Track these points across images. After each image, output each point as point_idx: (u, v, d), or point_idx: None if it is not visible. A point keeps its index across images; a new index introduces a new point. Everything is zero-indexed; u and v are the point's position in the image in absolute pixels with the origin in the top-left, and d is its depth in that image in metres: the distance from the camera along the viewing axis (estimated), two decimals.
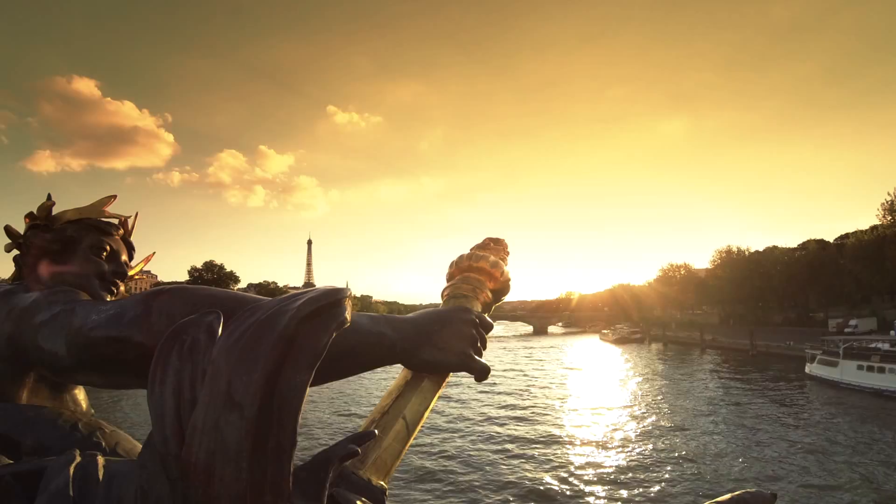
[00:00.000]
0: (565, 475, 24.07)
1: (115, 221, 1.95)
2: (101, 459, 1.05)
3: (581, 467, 25.20)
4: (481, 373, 1.66)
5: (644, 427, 33.64)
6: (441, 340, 1.59)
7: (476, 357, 1.65)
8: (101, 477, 1.00)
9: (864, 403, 40.07)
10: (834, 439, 29.52)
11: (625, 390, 49.09)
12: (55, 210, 1.84)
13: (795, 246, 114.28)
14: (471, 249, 2.03)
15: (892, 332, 60.22)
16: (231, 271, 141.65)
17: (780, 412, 37.48)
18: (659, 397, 44.66)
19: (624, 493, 21.70)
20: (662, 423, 34.51)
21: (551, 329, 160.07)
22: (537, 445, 29.63)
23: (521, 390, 49.26)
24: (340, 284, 1.04)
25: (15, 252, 1.80)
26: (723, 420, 35.16)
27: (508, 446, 29.57)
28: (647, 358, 79.19)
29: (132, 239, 2.01)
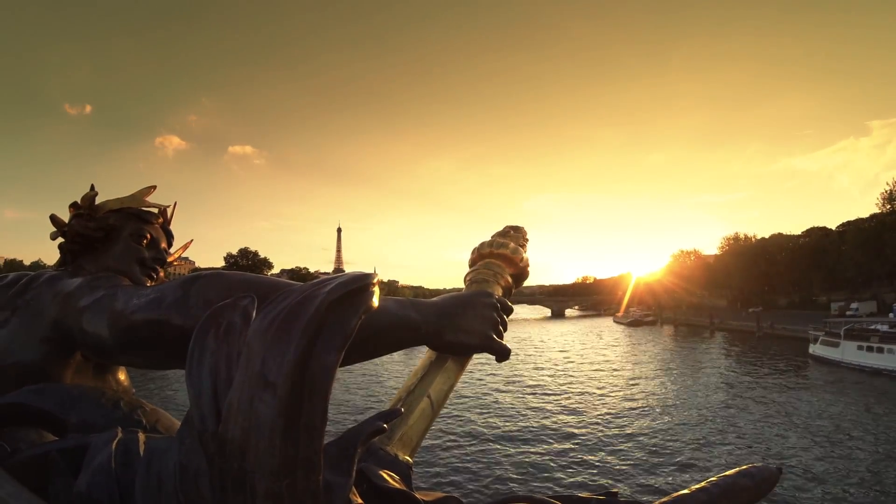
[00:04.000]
0: (575, 447, 24.13)
1: (155, 210, 1.96)
2: (141, 436, 1.06)
3: (591, 441, 25.21)
4: (502, 354, 1.68)
5: (654, 403, 33.62)
6: (464, 323, 1.60)
7: (497, 339, 1.66)
8: (141, 452, 1.01)
9: (864, 381, 39.80)
10: (836, 416, 29.31)
11: (638, 368, 49.07)
12: (98, 200, 1.85)
13: (799, 233, 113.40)
14: (492, 237, 2.04)
15: (890, 315, 59.71)
16: (265, 257, 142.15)
17: (784, 390, 37.27)
18: (669, 376, 44.58)
19: (631, 466, 21.70)
20: (672, 400, 34.47)
21: (568, 312, 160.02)
22: (550, 417, 29.84)
23: (541, 366, 49.54)
24: (368, 270, 1.04)
25: (60, 240, 1.81)
26: (730, 397, 35.02)
27: (526, 418, 29.72)
28: (659, 339, 79.00)
29: (171, 227, 2.03)
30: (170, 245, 2.01)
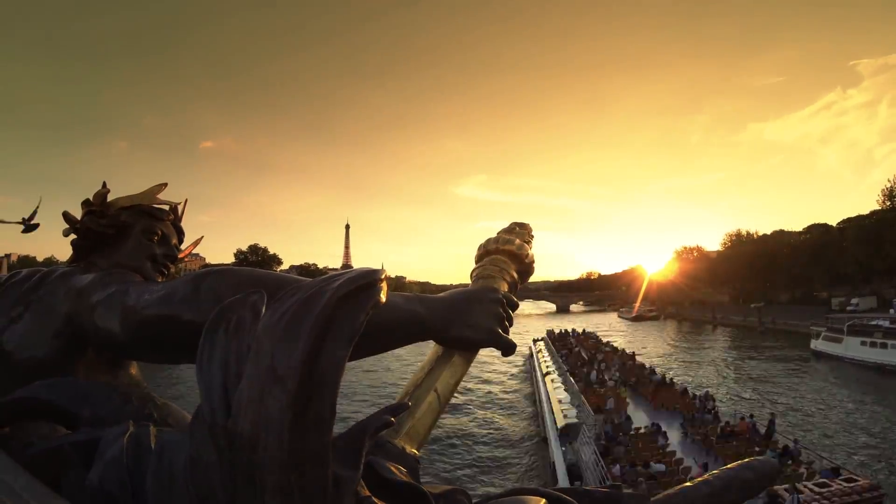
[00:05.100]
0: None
1: (166, 207, 1.96)
2: (153, 430, 1.06)
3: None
4: (507, 348, 1.67)
5: None
6: (470, 318, 1.60)
7: (503, 334, 1.66)
8: (153, 446, 1.01)
9: (868, 376, 39.71)
10: (838, 411, 29.25)
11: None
12: (110, 197, 1.86)
13: (801, 229, 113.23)
14: (498, 233, 2.05)
15: (891, 311, 59.50)
16: (274, 254, 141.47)
17: (787, 385, 37.24)
18: (672, 370, 44.51)
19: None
20: None
21: (573, 307, 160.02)
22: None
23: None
24: (376, 266, 1.03)
25: (72, 236, 1.81)
26: (733, 391, 35.00)
27: (525, 413, 29.73)
28: (663, 334, 79.07)
29: (182, 224, 2.03)
30: (180, 241, 2.02)
